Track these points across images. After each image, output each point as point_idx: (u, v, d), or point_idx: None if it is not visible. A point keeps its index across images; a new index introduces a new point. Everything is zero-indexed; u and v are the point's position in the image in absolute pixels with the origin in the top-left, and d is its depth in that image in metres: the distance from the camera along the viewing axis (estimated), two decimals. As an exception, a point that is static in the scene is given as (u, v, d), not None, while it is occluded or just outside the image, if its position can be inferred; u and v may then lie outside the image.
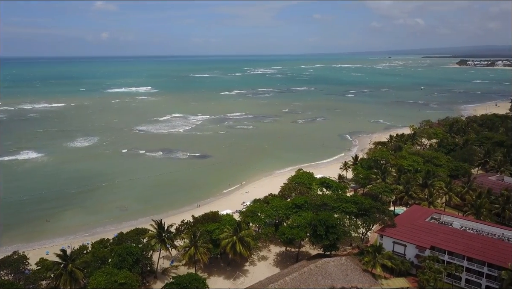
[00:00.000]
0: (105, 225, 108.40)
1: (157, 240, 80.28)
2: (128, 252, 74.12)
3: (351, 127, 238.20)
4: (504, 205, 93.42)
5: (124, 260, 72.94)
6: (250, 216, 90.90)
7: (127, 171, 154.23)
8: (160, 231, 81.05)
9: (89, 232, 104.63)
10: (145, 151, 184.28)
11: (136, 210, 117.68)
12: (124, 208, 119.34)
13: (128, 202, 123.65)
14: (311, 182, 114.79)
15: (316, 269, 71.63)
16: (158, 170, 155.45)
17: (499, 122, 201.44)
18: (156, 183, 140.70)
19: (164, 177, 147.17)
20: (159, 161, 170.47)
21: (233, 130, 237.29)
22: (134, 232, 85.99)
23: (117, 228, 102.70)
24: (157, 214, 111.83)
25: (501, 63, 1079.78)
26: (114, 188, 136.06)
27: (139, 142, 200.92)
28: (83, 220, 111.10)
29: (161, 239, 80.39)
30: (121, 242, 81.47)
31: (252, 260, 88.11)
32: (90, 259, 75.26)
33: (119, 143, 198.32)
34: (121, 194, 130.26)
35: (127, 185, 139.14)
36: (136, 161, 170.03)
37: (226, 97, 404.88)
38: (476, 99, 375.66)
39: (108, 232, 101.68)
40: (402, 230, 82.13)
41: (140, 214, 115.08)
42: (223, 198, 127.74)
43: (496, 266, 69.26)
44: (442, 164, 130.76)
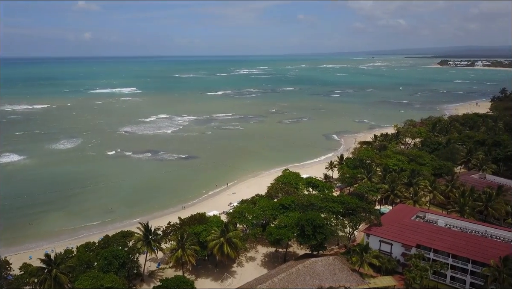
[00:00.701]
0: (90, 228, 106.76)
1: (144, 243, 79.38)
2: (114, 255, 73.14)
3: (336, 127, 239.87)
4: (487, 203, 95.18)
5: (110, 264, 71.93)
6: (237, 217, 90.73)
7: (112, 173, 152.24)
8: (147, 233, 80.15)
9: (73, 235, 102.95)
10: (130, 153, 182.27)
11: (121, 213, 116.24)
12: (109, 210, 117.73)
13: (113, 204, 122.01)
14: (298, 182, 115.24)
15: (304, 269, 71.79)
16: (143, 172, 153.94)
17: (480, 122, 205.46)
18: (141, 185, 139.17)
19: (150, 179, 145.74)
20: (144, 163, 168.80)
21: (219, 131, 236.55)
22: (120, 235, 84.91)
23: (103, 231, 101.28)
24: (143, 216, 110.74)
25: (480, 64, 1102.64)
26: (99, 190, 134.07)
27: (124, 144, 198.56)
28: (67, 224, 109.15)
29: (148, 242, 79.51)
30: (107, 245, 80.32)
31: (240, 261, 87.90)
32: (75, 263, 73.98)
33: (103, 145, 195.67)
34: (106, 197, 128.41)
35: (112, 187, 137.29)
36: (121, 163, 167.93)
37: (212, 98, 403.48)
38: (457, 99, 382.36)
39: (93, 235, 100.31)
40: (388, 228, 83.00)
41: (126, 216, 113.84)
42: (210, 199, 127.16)
43: (480, 263, 70.55)
44: (426, 162, 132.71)
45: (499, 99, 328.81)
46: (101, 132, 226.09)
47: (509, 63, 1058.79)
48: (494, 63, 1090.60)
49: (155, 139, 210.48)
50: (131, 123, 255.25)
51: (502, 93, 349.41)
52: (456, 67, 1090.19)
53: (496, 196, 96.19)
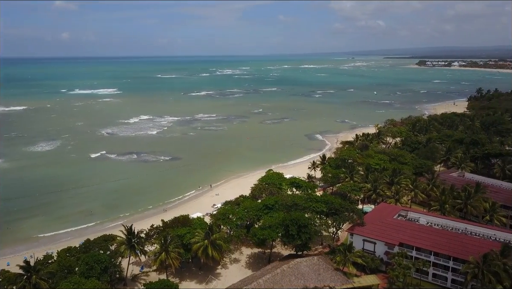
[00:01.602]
0: (71, 232, 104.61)
1: (127, 246, 78.12)
2: (96, 260, 71.69)
3: (318, 127, 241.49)
4: (466, 200, 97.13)
5: (92, 269, 70.47)
6: (221, 219, 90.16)
7: (93, 176, 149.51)
8: (130, 236, 78.91)
9: (53, 240, 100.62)
10: (111, 155, 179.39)
11: (102, 216, 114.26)
12: (89, 213, 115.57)
13: (94, 207, 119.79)
14: (281, 182, 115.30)
15: (289, 270, 71.86)
16: (125, 174, 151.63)
17: (458, 121, 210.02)
18: (123, 187, 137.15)
19: (131, 181, 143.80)
20: (126, 165, 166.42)
21: (202, 131, 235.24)
22: (102, 239, 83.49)
23: (84, 235, 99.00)
24: (125, 219, 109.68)
25: (457, 64, 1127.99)
26: (79, 194, 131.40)
27: (105, 145, 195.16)
28: (47, 228, 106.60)
29: (131, 245, 78.28)
30: (88, 250, 78.80)
31: (224, 263, 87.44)
32: (56, 268, 72.22)
33: (83, 147, 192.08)
34: (87, 200, 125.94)
35: (93, 190, 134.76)
36: (102, 165, 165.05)
37: (194, 98, 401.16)
38: (436, 99, 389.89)
39: (74, 239, 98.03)
40: (371, 227, 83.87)
41: (107, 219, 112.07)
42: (193, 201, 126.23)
43: (460, 260, 71.93)
44: (407, 161, 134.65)
45: (475, 99, 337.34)
46: (81, 134, 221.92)
47: (484, 63, 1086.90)
48: (470, 63, 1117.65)
49: (137, 141, 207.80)
50: (112, 124, 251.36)
51: (478, 93, 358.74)
52: (433, 67, 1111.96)
53: (475, 194, 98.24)
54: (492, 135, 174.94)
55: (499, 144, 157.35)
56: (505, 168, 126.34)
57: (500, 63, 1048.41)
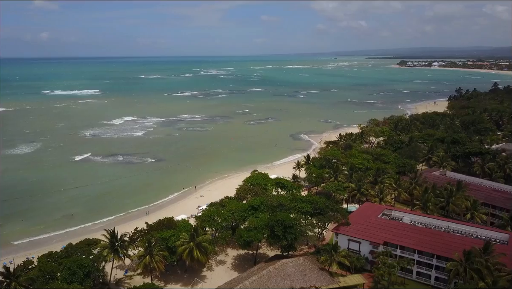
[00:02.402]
0: (52, 237, 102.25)
1: (110, 250, 76.77)
2: (78, 265, 70.17)
3: (302, 127, 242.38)
4: (448, 199, 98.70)
5: (74, 274, 68.92)
6: (206, 221, 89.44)
7: (75, 178, 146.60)
8: (113, 240, 77.57)
9: (34, 245, 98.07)
10: (94, 157, 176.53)
11: (85, 219, 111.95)
12: (71, 217, 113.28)
13: (76, 211, 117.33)
14: (266, 182, 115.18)
15: (275, 271, 71.71)
16: (108, 176, 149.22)
17: (439, 120, 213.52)
18: (105, 190, 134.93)
19: (114, 183, 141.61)
20: (108, 167, 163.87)
21: (186, 132, 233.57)
22: (84, 243, 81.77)
23: (65, 239, 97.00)
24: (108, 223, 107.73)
25: (437, 64, 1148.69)
26: (60, 197, 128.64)
27: (87, 147, 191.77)
28: (27, 233, 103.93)
29: (114, 249, 76.96)
30: (70, 254, 77.04)
31: (210, 265, 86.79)
32: (37, 274, 70.34)
33: (65, 149, 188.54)
34: (68, 203, 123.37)
35: (75, 193, 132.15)
36: (84, 168, 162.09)
37: (178, 99, 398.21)
38: (417, 98, 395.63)
39: (55, 244, 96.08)
40: (356, 227, 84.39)
41: (90, 223, 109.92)
42: (178, 203, 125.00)
43: (444, 258, 73.00)
44: (390, 161, 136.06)
45: (455, 99, 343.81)
46: (62, 136, 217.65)
47: (463, 64, 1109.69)
48: (450, 63, 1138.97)
49: (121, 143, 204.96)
50: (94, 126, 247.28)
51: (458, 93, 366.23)
52: (414, 67, 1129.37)
53: (457, 192, 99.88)
54: (471, 134, 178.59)
55: (478, 143, 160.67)
56: (485, 166, 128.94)
57: (478, 64, 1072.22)
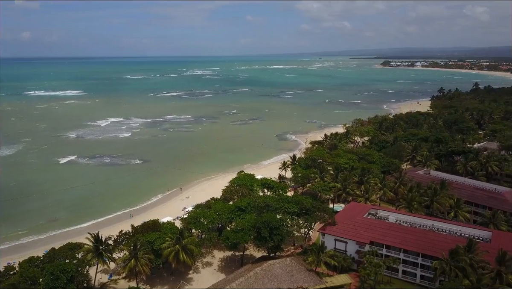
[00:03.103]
0: (34, 242, 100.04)
1: (94, 254, 75.42)
2: (62, 270, 68.52)
3: (288, 127, 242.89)
4: (432, 198, 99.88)
5: (57, 279, 67.31)
6: (192, 223, 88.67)
7: (58, 181, 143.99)
8: (97, 244, 76.22)
9: (15, 250, 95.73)
10: (77, 158, 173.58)
11: (68, 223, 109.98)
12: (54, 220, 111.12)
13: (59, 214, 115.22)
14: (253, 183, 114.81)
15: (262, 273, 71.43)
16: (92, 178, 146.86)
17: (422, 120, 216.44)
18: (90, 193, 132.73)
19: (99, 186, 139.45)
20: (93, 169, 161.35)
21: (171, 133, 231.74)
22: (67, 247, 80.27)
23: (48, 243, 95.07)
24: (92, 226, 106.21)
25: (419, 64, 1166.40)
26: (43, 200, 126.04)
27: (71, 149, 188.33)
28: (8, 237, 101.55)
29: (99, 253, 75.64)
30: (53, 259, 75.41)
31: (196, 267, 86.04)
32: (18, 280, 68.54)
33: (48, 151, 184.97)
34: (51, 206, 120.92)
35: (58, 196, 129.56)
36: (68, 170, 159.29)
37: (163, 99, 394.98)
38: (401, 98, 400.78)
39: (37, 248, 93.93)
40: (342, 227, 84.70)
41: (73, 226, 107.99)
42: (163, 205, 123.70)
43: (428, 256, 73.78)
44: (375, 160, 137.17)
45: (437, 98, 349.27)
46: (45, 138, 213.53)
47: (445, 64, 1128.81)
48: (432, 64, 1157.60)
49: (105, 144, 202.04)
50: (79, 127, 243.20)
51: (440, 93, 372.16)
52: (397, 67, 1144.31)
53: (440, 191, 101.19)
54: (454, 133, 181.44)
55: (461, 142, 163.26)
56: (467, 164, 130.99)
57: (460, 64, 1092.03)
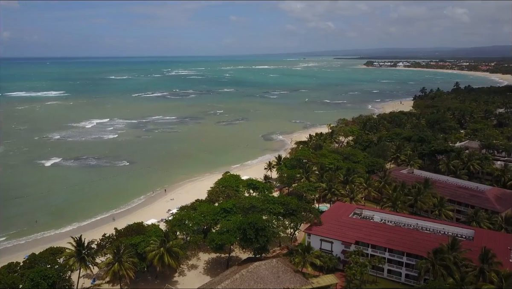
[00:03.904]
0: (14, 246, 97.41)
1: (76, 259, 73.82)
2: (42, 276, 66.98)
3: (273, 127, 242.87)
4: (416, 197, 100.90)
5: (38, 285, 65.78)
6: (177, 225, 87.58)
7: (39, 183, 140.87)
8: (79, 248, 74.62)
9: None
10: (60, 161, 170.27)
11: (49, 227, 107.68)
12: (35, 224, 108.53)
13: (40, 218, 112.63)
14: (238, 184, 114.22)
15: (248, 274, 70.88)
16: (75, 181, 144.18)
17: (405, 119, 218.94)
18: (72, 195, 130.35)
19: (81, 188, 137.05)
20: (76, 171, 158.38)
21: (156, 134, 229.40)
22: (48, 252, 78.15)
23: (28, 248, 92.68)
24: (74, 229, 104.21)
25: (402, 64, 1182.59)
26: (23, 203, 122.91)
27: (53, 151, 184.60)
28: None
29: (81, 257, 74.05)
30: (34, 265, 73.43)
31: (182, 270, 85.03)
32: (-4, 287, 66.73)
33: (29, 153, 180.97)
34: (32, 210, 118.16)
35: (40, 199, 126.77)
36: (50, 172, 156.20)
37: (147, 100, 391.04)
38: (384, 98, 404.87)
39: (17, 254, 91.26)
40: (328, 227, 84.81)
41: (55, 230, 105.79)
42: (147, 207, 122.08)
43: (413, 255, 74.39)
44: (359, 160, 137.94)
45: (420, 98, 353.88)
46: (26, 140, 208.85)
47: (426, 64, 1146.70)
48: (414, 64, 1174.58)
49: (88, 146, 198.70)
50: (61, 129, 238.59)
51: (422, 92, 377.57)
52: (380, 67, 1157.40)
53: (424, 190, 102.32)
54: (436, 133, 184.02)
55: (443, 141, 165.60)
56: (450, 163, 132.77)
57: (441, 64, 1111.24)
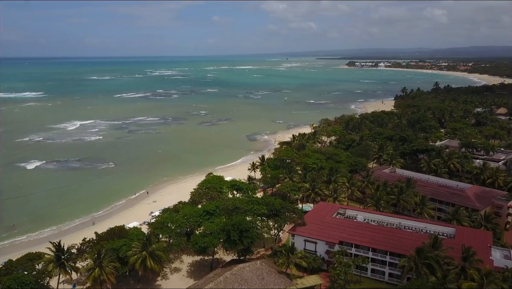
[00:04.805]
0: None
1: (55, 264, 71.88)
2: (20, 282, 65.00)
3: (256, 128, 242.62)
4: (399, 196, 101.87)
5: (15, 292, 63.69)
6: (159, 228, 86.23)
7: (18, 186, 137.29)
8: (59, 253, 72.70)
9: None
10: (39, 163, 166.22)
11: (27, 231, 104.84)
12: (12, 229, 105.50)
13: (18, 222, 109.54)
14: (222, 185, 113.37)
15: (232, 277, 70.20)
16: (55, 183, 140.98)
17: (387, 119, 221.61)
18: (52, 198, 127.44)
19: (62, 191, 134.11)
20: (56, 173, 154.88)
21: (138, 135, 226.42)
22: (26, 258, 75.93)
23: (5, 254, 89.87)
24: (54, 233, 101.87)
25: (383, 65, 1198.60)
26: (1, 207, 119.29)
27: (32, 154, 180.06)
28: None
29: (61, 263, 72.14)
30: (10, 272, 71.16)
31: (164, 273, 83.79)
32: (-29, 296, 64.42)
33: (7, 156, 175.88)
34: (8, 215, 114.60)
35: (17, 203, 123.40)
36: (29, 175, 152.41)
37: (128, 101, 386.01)
38: (366, 98, 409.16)
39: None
40: (312, 227, 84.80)
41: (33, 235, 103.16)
42: (129, 209, 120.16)
43: (396, 254, 74.94)
44: (342, 160, 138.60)
45: (401, 98, 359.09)
46: (4, 143, 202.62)
47: (407, 64, 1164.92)
48: (394, 64, 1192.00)
49: (69, 148, 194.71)
50: (41, 131, 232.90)
51: (403, 92, 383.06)
52: (362, 68, 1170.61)
53: (406, 189, 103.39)
54: (417, 132, 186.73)
55: (424, 140, 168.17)
56: (431, 162, 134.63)
57: (420, 64, 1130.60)
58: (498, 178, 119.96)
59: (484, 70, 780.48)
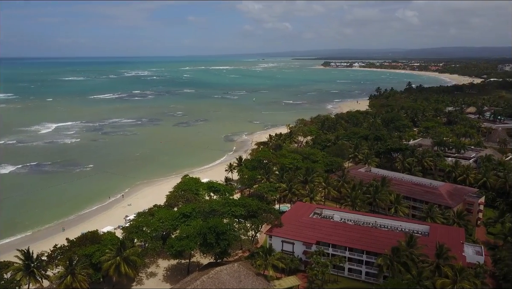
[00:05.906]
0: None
1: (24, 273, 69.16)
2: (-14, 293, 62.20)
3: (233, 128, 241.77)
4: (374, 195, 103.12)
5: (-20, 304, 60.90)
6: (134, 232, 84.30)
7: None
8: (28, 261, 69.98)
9: None
10: (8, 167, 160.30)
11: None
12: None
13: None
14: (198, 187, 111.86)
15: (209, 281, 69.19)
16: (24, 188, 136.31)
17: (362, 118, 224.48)
18: (21, 204, 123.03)
19: (32, 196, 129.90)
20: (26, 178, 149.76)
21: (112, 137, 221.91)
22: (-7, 267, 72.84)
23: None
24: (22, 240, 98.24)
25: (357, 65, 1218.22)
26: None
27: (2, 158, 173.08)
28: None
29: (30, 271, 69.45)
30: (-24, 282, 68.12)
31: (140, 278, 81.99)
32: None
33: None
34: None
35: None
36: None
37: (102, 102, 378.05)
38: (341, 97, 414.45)
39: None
40: (289, 228, 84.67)
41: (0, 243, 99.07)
42: (103, 213, 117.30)
43: (373, 253, 75.63)
44: (318, 159, 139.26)
45: (375, 97, 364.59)
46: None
47: (380, 64, 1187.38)
48: (368, 64, 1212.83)
49: (41, 151, 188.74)
50: (10, 134, 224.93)
51: (377, 92, 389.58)
52: (337, 68, 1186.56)
53: (381, 188, 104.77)
54: (391, 131, 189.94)
55: (398, 139, 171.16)
56: (405, 161, 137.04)
57: (394, 64, 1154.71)
58: (469, 176, 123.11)
59: (454, 71, 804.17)
